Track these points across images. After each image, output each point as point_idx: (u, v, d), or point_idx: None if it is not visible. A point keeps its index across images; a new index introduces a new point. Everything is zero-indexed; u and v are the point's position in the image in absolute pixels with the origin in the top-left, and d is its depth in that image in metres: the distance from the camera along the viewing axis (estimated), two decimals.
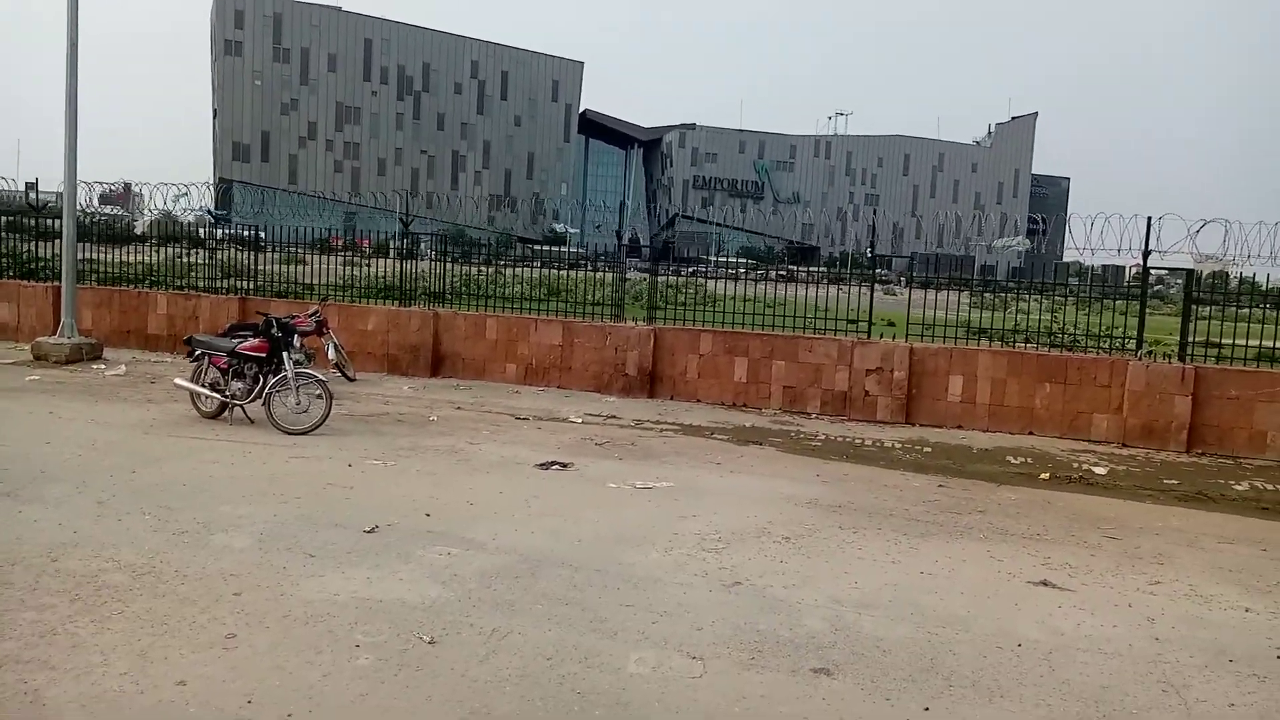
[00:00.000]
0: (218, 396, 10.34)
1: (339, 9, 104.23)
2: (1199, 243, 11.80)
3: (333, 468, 8.51)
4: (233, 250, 16.94)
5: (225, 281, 16.14)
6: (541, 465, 9.07)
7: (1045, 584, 6.36)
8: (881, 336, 13.40)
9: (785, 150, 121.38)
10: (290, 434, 9.79)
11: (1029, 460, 10.94)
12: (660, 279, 15.90)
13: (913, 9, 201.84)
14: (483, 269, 16.47)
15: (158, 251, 16.91)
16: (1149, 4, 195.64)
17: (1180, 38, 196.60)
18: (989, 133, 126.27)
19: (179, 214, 17.49)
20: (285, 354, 10.04)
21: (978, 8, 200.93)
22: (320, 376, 10.19)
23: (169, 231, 17.69)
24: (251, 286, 16.04)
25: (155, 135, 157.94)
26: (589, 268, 17.75)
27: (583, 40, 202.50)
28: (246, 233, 21.34)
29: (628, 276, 15.90)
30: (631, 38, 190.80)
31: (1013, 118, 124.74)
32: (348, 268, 17.76)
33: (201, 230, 19.09)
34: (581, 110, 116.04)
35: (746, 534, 7.09)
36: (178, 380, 10.80)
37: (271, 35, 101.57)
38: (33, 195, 18.71)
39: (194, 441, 9.36)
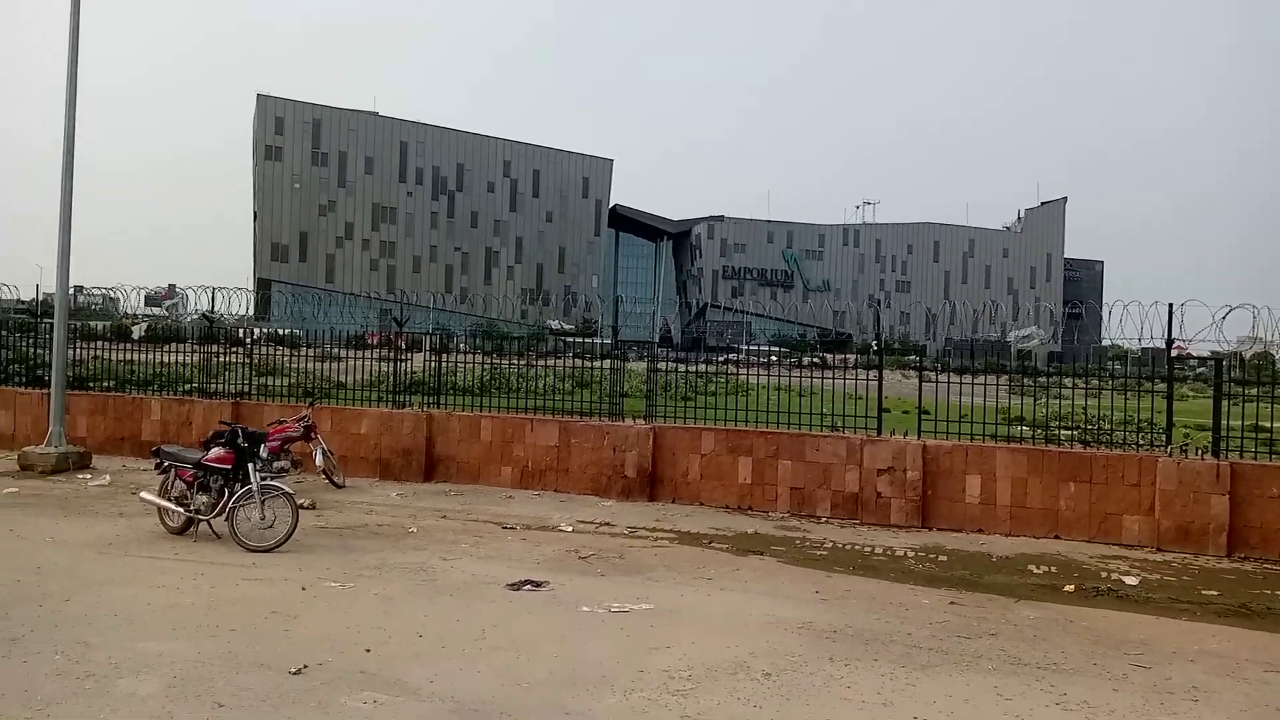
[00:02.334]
0: (182, 511, 9.85)
1: (375, 114, 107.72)
2: (1225, 329, 11.03)
3: (284, 591, 7.90)
4: (232, 352, 16.70)
5: (219, 384, 15.81)
6: (513, 585, 8.39)
7: None
8: (893, 433, 12.66)
9: (814, 239, 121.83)
10: (253, 551, 9.22)
11: (1052, 569, 10.04)
12: (667, 371, 15.30)
13: (936, 96, 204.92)
14: (493, 364, 15.97)
15: (168, 354, 16.72)
16: (1169, 82, 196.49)
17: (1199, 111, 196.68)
18: (1019, 218, 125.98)
19: (217, 316, 17.27)
20: (250, 465, 9.55)
21: (1000, 97, 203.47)
22: (287, 489, 9.65)
23: (206, 333, 17.41)
24: (245, 389, 15.72)
25: (199, 237, 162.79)
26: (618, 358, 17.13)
27: (612, 136, 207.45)
28: (284, 332, 21.22)
29: (659, 368, 15.25)
30: (660, 132, 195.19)
31: (1042, 203, 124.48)
32: (383, 364, 17.14)
33: (240, 331, 18.99)
34: (612, 205, 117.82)
35: (721, 670, 6.33)
36: (143, 494, 10.34)
37: (310, 140, 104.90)
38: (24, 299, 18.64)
39: (147, 562, 8.82)
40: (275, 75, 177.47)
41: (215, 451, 9.77)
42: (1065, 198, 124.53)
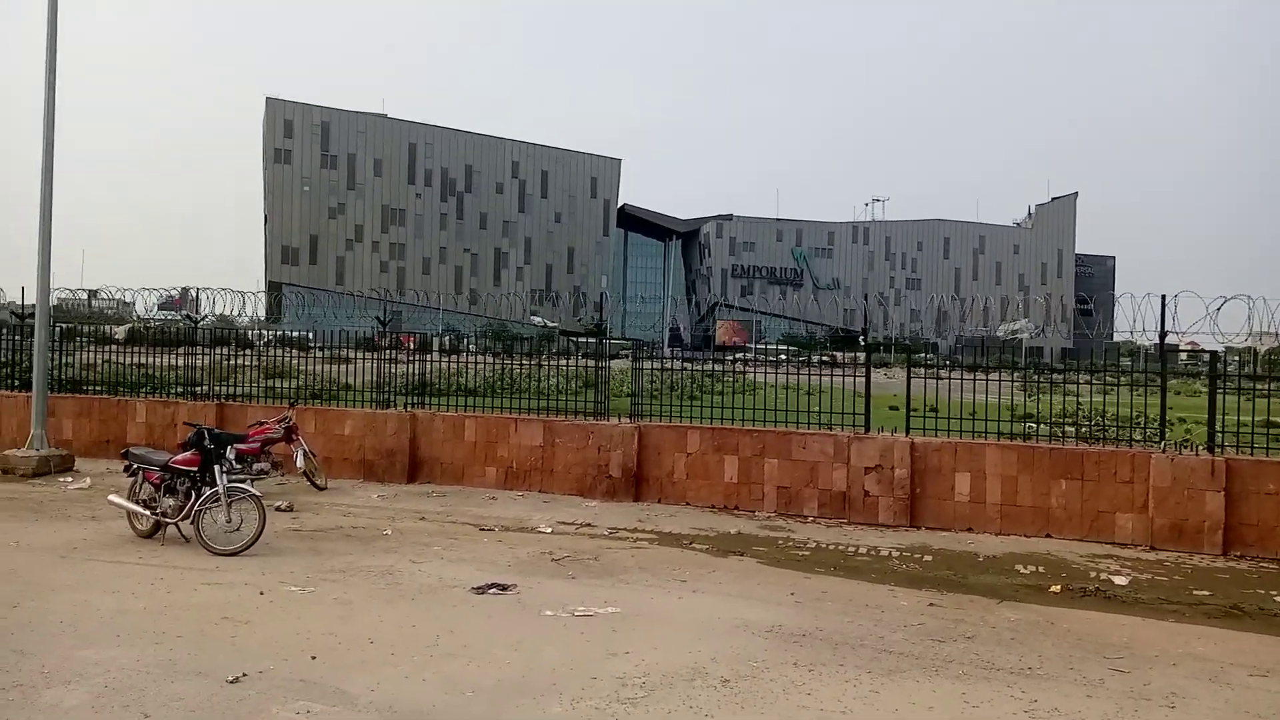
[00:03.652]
0: (149, 514, 9.69)
1: (384, 116, 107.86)
2: (1220, 322, 10.72)
3: (241, 596, 7.71)
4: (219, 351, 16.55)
5: (204, 386, 15.70)
6: (478, 589, 8.17)
7: None
8: (881, 430, 12.40)
9: (823, 237, 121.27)
10: (219, 554, 9.04)
11: (1040, 569, 9.76)
12: (656, 370, 15.06)
13: (944, 91, 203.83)
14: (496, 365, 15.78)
15: (176, 356, 16.58)
16: (1166, 69, 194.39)
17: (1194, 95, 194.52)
18: (1029, 214, 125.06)
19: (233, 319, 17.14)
20: (217, 467, 9.37)
21: (1008, 87, 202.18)
22: (254, 491, 9.47)
23: (190, 335, 17.22)
24: (232, 391, 15.58)
25: (213, 238, 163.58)
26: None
27: (619, 136, 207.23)
28: (295, 334, 21.20)
29: (642, 367, 14.98)
30: (666, 132, 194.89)
31: (1053, 198, 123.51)
32: (389, 365, 16.75)
33: (251, 334, 18.98)
34: (620, 205, 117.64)
35: (679, 676, 6.10)
36: (111, 497, 10.17)
37: (320, 143, 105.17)
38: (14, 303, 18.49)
39: (108, 566, 8.66)
40: (281, 75, 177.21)
41: (182, 454, 9.60)
42: (1076, 193, 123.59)
